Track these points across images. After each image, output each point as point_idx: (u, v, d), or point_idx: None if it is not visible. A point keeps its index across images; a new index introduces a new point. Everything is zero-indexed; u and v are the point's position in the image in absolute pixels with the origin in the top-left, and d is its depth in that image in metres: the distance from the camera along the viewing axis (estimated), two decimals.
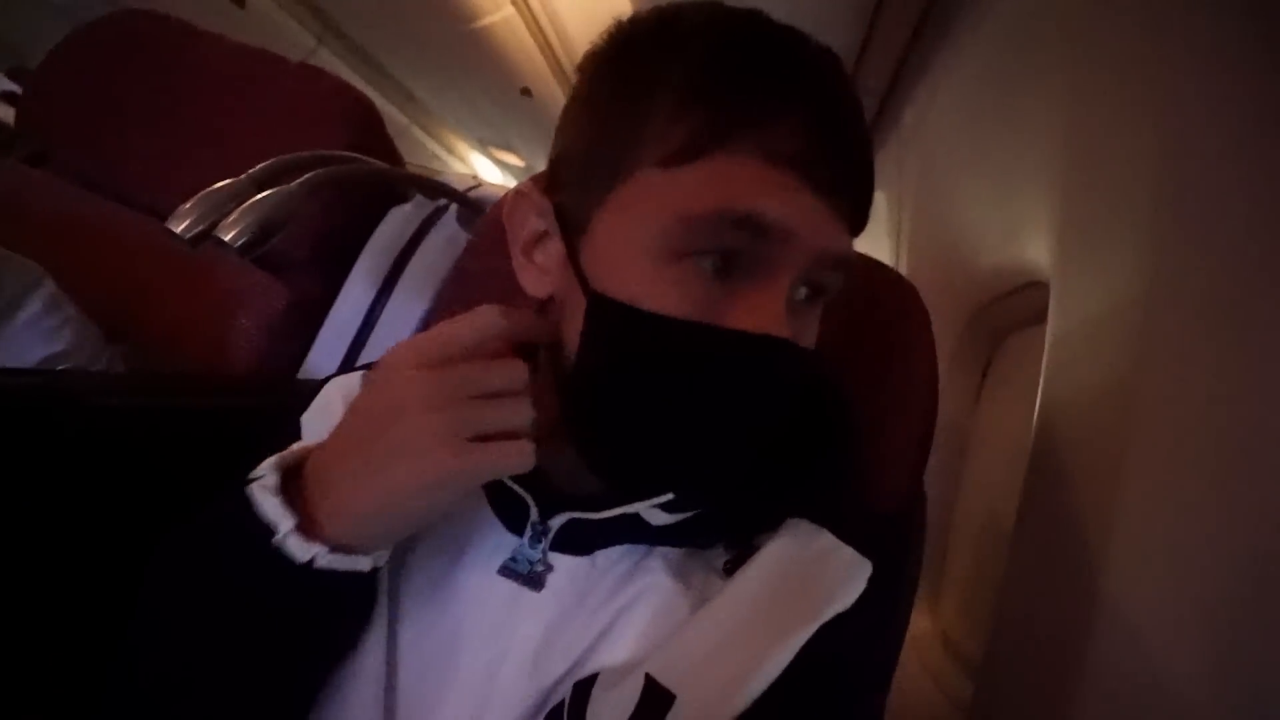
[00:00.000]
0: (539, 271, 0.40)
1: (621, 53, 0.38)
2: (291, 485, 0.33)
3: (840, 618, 0.37)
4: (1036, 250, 0.72)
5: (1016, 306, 0.85)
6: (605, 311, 0.35)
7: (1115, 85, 0.58)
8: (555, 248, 0.39)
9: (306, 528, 0.32)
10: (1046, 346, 0.63)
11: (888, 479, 0.54)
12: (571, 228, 0.38)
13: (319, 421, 0.42)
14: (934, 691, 0.82)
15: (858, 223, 0.38)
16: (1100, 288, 0.55)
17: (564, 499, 0.39)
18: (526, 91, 2.64)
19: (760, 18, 0.36)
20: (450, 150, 3.94)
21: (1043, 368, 0.63)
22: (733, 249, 0.34)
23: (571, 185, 0.38)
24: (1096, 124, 0.60)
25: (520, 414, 0.34)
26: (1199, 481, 0.44)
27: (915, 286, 0.58)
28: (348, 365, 0.75)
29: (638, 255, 0.35)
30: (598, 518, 0.38)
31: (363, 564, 0.33)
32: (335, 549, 0.32)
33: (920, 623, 0.93)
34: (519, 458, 0.33)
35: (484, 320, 0.34)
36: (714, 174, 0.33)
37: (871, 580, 0.38)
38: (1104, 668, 0.47)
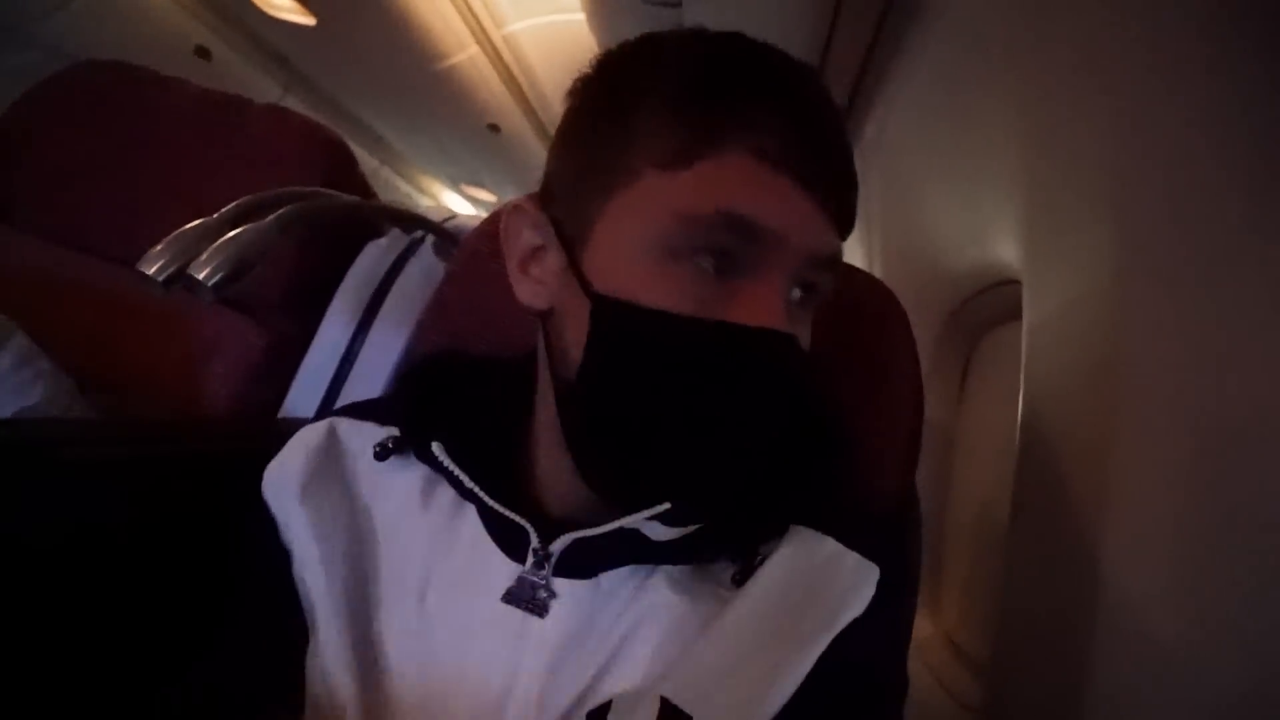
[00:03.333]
0: (536, 284, 0.40)
1: (611, 74, 0.40)
2: None
3: (854, 624, 0.37)
4: (1006, 247, 0.74)
5: (991, 304, 0.86)
6: (609, 311, 0.35)
7: (1068, 74, 0.59)
8: (553, 260, 0.39)
9: None
10: (1024, 341, 0.64)
11: (881, 482, 0.54)
12: (570, 238, 0.38)
13: (277, 477, 0.41)
14: (942, 695, 0.81)
15: (844, 222, 0.39)
16: (1071, 278, 0.56)
17: (562, 522, 0.39)
18: (494, 127, 2.67)
19: (740, 35, 0.38)
20: (422, 190, 3.96)
21: (1022, 363, 0.64)
22: (728, 249, 0.35)
23: (567, 199, 0.39)
24: (1053, 115, 0.61)
25: None
26: (1187, 463, 0.44)
27: (894, 295, 0.59)
28: (328, 404, 0.74)
29: (639, 257, 0.35)
30: (598, 533, 0.37)
31: None
32: None
33: (923, 626, 0.92)
34: None
35: None
36: (709, 175, 0.35)
37: (879, 584, 0.38)
38: (1111, 659, 0.46)
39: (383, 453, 0.41)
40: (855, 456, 0.52)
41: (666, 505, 0.36)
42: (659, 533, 0.38)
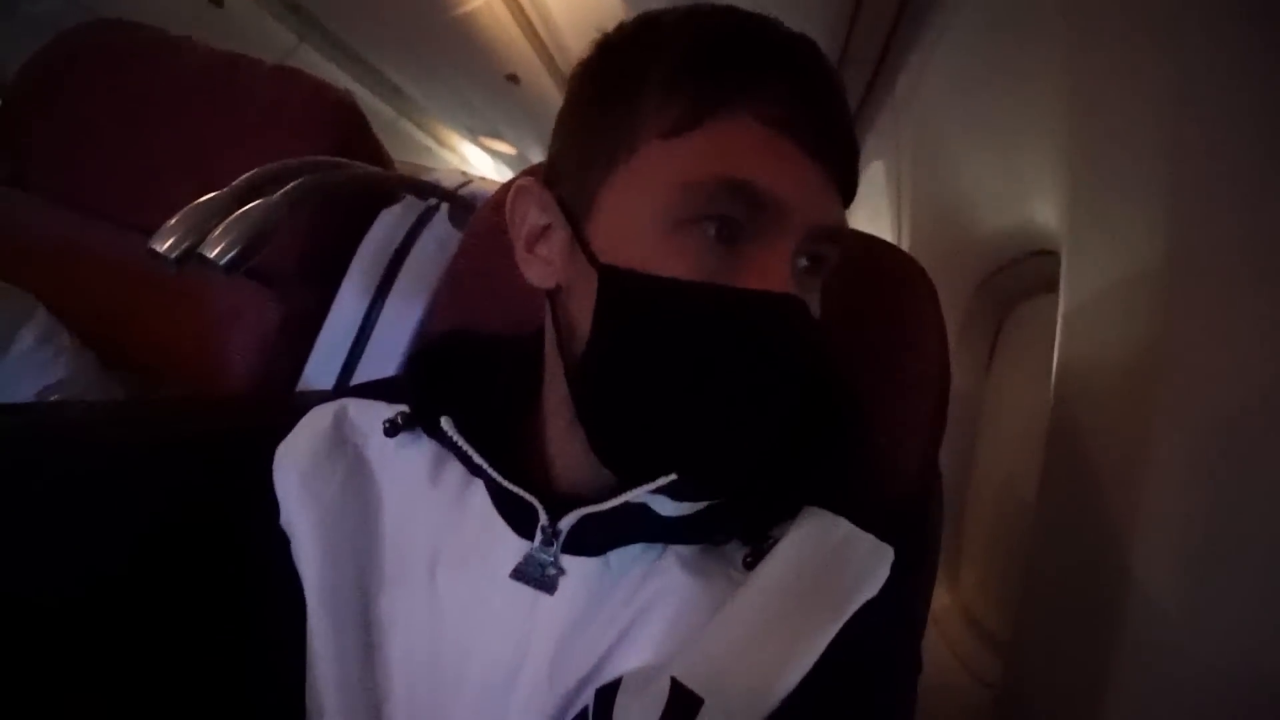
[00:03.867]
0: (543, 263, 0.40)
1: (612, 51, 0.40)
2: None
3: (867, 607, 0.36)
4: (1044, 215, 0.70)
5: (1025, 274, 0.83)
6: (618, 281, 0.35)
7: (1123, 31, 0.55)
8: (559, 237, 0.39)
9: None
10: (1060, 316, 0.61)
11: (902, 460, 0.52)
12: (575, 215, 0.38)
13: (285, 460, 0.41)
14: (957, 668, 0.82)
15: (848, 189, 0.38)
16: (1116, 254, 0.53)
17: (571, 500, 0.38)
18: (513, 78, 2.60)
19: (736, 8, 0.38)
20: (440, 141, 3.91)
21: (1057, 339, 0.62)
22: (733, 217, 0.35)
23: (572, 175, 0.39)
24: (1104, 76, 0.57)
25: None
26: (1223, 453, 0.43)
27: (922, 266, 0.56)
28: (345, 376, 0.74)
29: (645, 226, 0.35)
30: (606, 508, 0.37)
31: None
32: None
33: (940, 597, 0.92)
34: None
35: None
36: (711, 142, 0.35)
37: (894, 565, 0.38)
38: (1138, 644, 0.46)
39: (392, 429, 0.41)
40: (875, 435, 0.51)
41: (673, 476, 0.36)
42: (668, 509, 0.38)
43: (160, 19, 0.86)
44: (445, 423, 0.39)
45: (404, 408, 0.42)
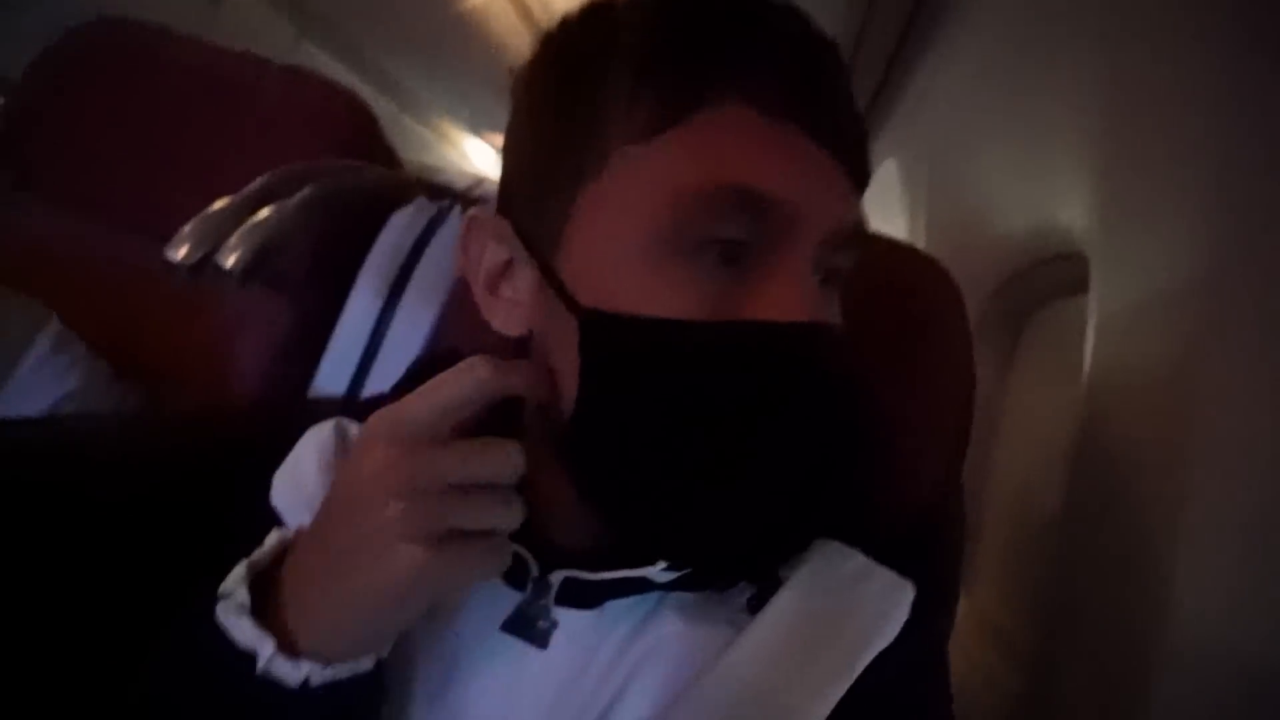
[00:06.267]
0: (509, 306, 0.35)
1: (561, 50, 0.34)
2: (265, 596, 0.29)
3: (887, 651, 0.33)
4: (1069, 217, 0.69)
5: (1047, 277, 0.81)
6: (605, 331, 0.30)
7: (1166, 19, 0.52)
8: (525, 275, 0.34)
9: (291, 643, 0.28)
10: (1091, 326, 0.60)
11: (924, 476, 0.51)
12: (541, 246, 0.33)
13: (288, 480, 0.38)
14: (974, 677, 0.81)
15: (861, 178, 0.34)
16: (1154, 259, 0.51)
17: (563, 552, 0.35)
18: (515, 72, 2.58)
19: None
20: (442, 135, 3.89)
21: (1088, 348, 0.60)
22: (735, 239, 0.30)
23: (531, 200, 0.34)
24: (1144, 69, 0.55)
25: (508, 515, 0.29)
26: (1266, 470, 0.42)
27: (947, 270, 0.55)
28: (358, 381, 0.73)
29: (627, 256, 0.30)
30: (596, 579, 0.34)
31: (364, 664, 0.29)
32: (329, 660, 0.28)
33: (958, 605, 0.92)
34: (497, 562, 0.29)
35: (471, 381, 0.29)
36: (699, 137, 0.29)
37: (915, 601, 0.35)
38: (1182, 658, 0.44)
39: None
40: (897, 448, 0.49)
41: (663, 564, 0.33)
42: (663, 576, 0.35)
43: (159, 13, 0.85)
44: None
45: None
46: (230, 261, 0.50)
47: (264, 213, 0.53)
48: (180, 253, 0.50)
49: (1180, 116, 0.50)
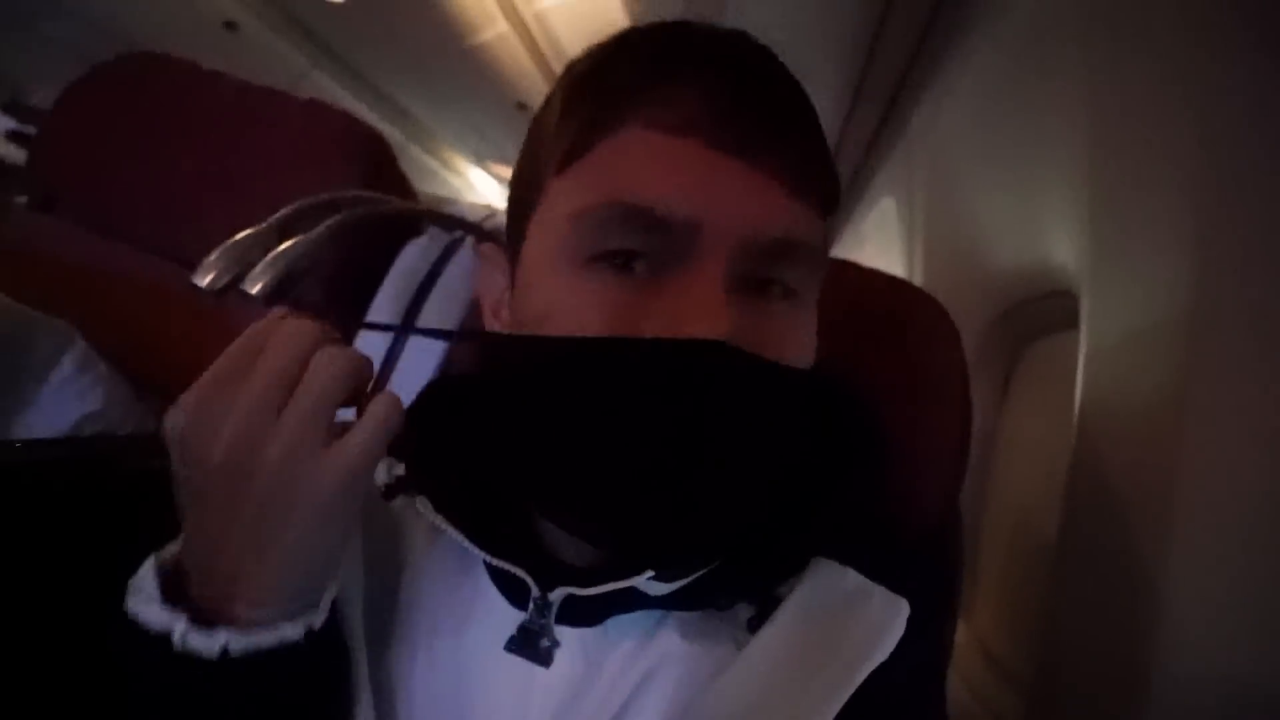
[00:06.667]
0: (505, 330, 0.38)
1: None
2: (176, 582, 0.30)
3: (884, 667, 0.33)
4: (1061, 256, 0.71)
5: (1041, 312, 0.84)
6: (501, 351, 0.34)
7: (1146, 69, 0.55)
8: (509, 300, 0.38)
9: (207, 617, 0.28)
10: (1081, 358, 0.62)
11: (922, 503, 0.52)
12: (511, 274, 0.37)
13: None
14: (971, 702, 0.81)
15: (807, 188, 0.32)
16: (1140, 297, 0.54)
17: (562, 569, 0.36)
18: (522, 106, 2.65)
19: (671, 23, 0.34)
20: (447, 165, 3.95)
21: (1078, 380, 0.62)
22: (632, 250, 0.31)
23: (509, 232, 0.37)
24: (1126, 113, 0.58)
25: (336, 369, 0.28)
26: (1258, 494, 0.43)
27: (943, 306, 0.57)
28: None
29: (542, 274, 0.33)
30: (591, 594, 0.34)
31: (291, 632, 0.29)
32: (247, 627, 0.28)
33: (956, 631, 0.92)
34: (388, 419, 0.29)
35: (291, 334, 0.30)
36: (601, 164, 0.31)
37: (910, 619, 0.35)
38: (1175, 684, 0.45)
39: (389, 493, 0.39)
40: (894, 477, 0.50)
41: (650, 572, 0.33)
42: (658, 588, 0.35)
43: (176, 41, 0.89)
44: (421, 503, 0.36)
45: (400, 469, 0.40)
46: (257, 288, 0.52)
47: (292, 241, 0.55)
48: (208, 278, 0.52)
49: (1163, 163, 0.53)
